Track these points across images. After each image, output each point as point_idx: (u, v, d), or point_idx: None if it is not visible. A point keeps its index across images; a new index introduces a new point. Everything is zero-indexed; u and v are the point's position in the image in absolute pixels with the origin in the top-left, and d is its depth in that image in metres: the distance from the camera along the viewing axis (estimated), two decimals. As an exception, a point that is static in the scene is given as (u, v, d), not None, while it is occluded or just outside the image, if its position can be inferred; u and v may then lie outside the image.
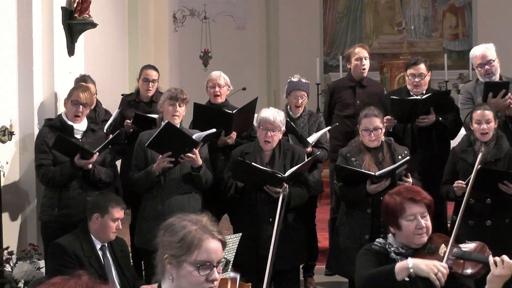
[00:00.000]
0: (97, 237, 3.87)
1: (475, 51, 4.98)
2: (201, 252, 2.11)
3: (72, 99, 4.45)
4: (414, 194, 3.00)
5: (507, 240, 4.19)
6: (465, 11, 12.00)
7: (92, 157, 4.30)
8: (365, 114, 4.40)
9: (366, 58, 5.49)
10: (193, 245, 2.11)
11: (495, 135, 4.36)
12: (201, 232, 2.13)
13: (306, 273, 5.44)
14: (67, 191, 4.37)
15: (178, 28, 9.89)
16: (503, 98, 4.66)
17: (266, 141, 4.35)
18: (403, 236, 2.99)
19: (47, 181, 4.37)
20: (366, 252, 3.12)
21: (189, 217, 2.21)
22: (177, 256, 2.12)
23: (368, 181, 4.20)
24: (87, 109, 4.50)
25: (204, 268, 2.10)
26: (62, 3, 5.09)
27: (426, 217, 2.98)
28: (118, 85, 7.99)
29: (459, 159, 4.41)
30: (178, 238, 2.13)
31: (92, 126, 4.60)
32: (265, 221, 4.26)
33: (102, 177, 4.44)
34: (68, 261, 3.68)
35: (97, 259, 3.81)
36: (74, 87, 4.62)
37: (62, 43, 5.12)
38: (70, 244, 3.75)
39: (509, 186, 4.13)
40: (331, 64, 11.96)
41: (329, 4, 12.28)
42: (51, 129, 4.46)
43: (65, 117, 4.48)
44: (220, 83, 5.11)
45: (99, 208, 3.86)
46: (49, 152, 4.39)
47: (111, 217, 3.84)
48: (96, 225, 3.86)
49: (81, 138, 4.47)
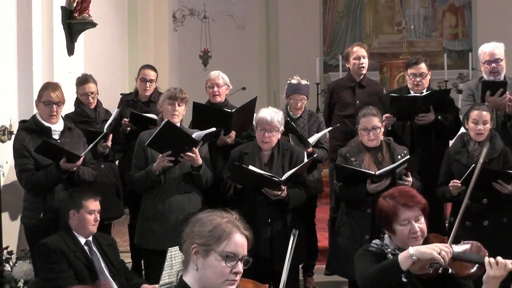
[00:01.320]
0: (79, 233, 3.87)
1: (485, 47, 4.97)
2: (229, 243, 2.19)
3: (43, 100, 4.30)
4: (407, 200, 2.97)
5: (505, 240, 4.20)
6: (465, 10, 11.99)
7: (78, 160, 4.24)
8: (364, 114, 4.40)
9: (365, 57, 5.49)
10: (223, 236, 2.19)
11: (489, 135, 4.37)
12: (230, 225, 2.22)
13: (306, 273, 5.44)
14: (52, 194, 4.28)
15: (178, 28, 9.89)
16: (501, 97, 4.67)
17: (263, 142, 4.35)
18: (399, 240, 2.99)
19: (31, 186, 4.27)
20: (364, 253, 3.11)
21: (220, 212, 2.29)
22: (206, 245, 2.19)
23: (368, 180, 4.20)
24: (60, 107, 4.36)
25: (230, 259, 2.19)
26: (61, 3, 5.10)
27: (420, 220, 2.96)
28: (117, 84, 7.99)
29: (454, 160, 4.42)
30: (209, 228, 2.21)
31: (68, 125, 4.47)
32: (264, 222, 4.26)
33: (86, 177, 4.38)
34: (54, 257, 3.69)
35: (83, 252, 3.80)
36: (44, 87, 4.42)
37: (62, 43, 5.13)
38: (54, 242, 3.77)
39: (503, 185, 4.14)
40: (331, 64, 11.95)
41: (329, 4, 12.28)
42: (28, 132, 4.31)
43: (40, 119, 4.33)
44: (219, 82, 5.11)
45: (73, 204, 3.88)
46: (29, 157, 4.27)
47: (86, 210, 3.85)
48: (74, 221, 3.86)
49: (59, 138, 4.36)
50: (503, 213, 4.28)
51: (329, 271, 5.24)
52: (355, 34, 12.15)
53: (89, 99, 5.06)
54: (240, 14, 11.63)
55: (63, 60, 5.13)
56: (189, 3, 10.12)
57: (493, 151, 4.32)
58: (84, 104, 5.08)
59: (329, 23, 12.30)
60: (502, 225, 4.28)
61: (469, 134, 4.38)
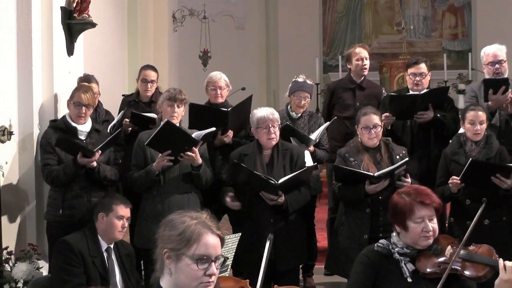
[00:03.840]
0: (104, 238, 3.87)
1: (488, 49, 5.04)
2: (200, 245, 2.14)
3: (74, 101, 4.47)
4: (424, 197, 2.97)
5: (506, 238, 4.22)
6: (465, 11, 11.99)
7: (94, 155, 4.31)
8: (364, 113, 4.42)
9: (367, 58, 5.52)
10: (192, 239, 2.14)
11: (485, 134, 4.40)
12: (200, 227, 2.16)
13: (306, 273, 5.44)
14: (70, 191, 4.39)
15: (178, 28, 9.88)
16: (503, 95, 4.70)
17: (270, 139, 4.33)
18: (409, 237, 2.97)
19: (51, 180, 4.41)
20: (364, 260, 3.05)
21: (189, 213, 2.24)
22: (177, 250, 2.15)
23: (367, 181, 4.21)
24: (90, 109, 4.52)
25: (202, 262, 2.13)
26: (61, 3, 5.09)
27: (433, 220, 2.96)
28: (117, 85, 7.99)
29: (451, 161, 4.44)
30: (178, 232, 2.16)
31: (96, 127, 4.62)
32: (267, 222, 4.25)
33: (107, 175, 4.45)
34: (72, 259, 3.69)
35: (102, 260, 3.81)
36: (76, 88, 4.63)
37: (62, 43, 5.11)
38: (76, 242, 3.76)
39: (503, 180, 4.16)
40: (331, 64, 11.95)
41: (329, 4, 12.27)
42: (55, 130, 4.49)
43: (69, 119, 4.51)
44: (221, 85, 5.12)
45: (103, 207, 3.89)
46: (54, 153, 4.43)
47: (115, 215, 3.85)
48: (102, 224, 3.86)
49: (85, 139, 4.49)
50: (502, 212, 4.30)
51: (328, 271, 5.24)
52: (354, 35, 12.16)
53: (90, 100, 5.07)
54: (239, 15, 11.63)
55: (63, 61, 5.12)
56: (188, 4, 10.12)
57: (489, 151, 4.37)
58: (84, 104, 5.08)
59: (328, 23, 12.30)
60: (502, 224, 4.29)
61: (466, 135, 4.41)
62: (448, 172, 4.42)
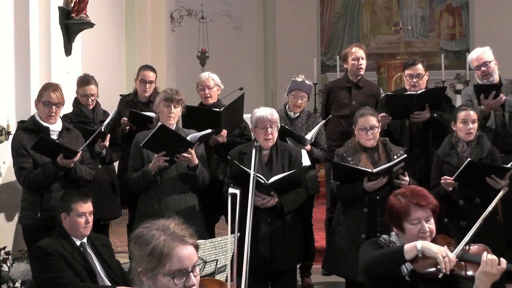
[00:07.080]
0: (73, 235, 3.84)
1: (472, 54, 5.10)
2: (173, 262, 2.09)
3: (43, 100, 4.34)
4: (420, 199, 2.97)
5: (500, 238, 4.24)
6: (462, 11, 12.01)
7: (75, 156, 4.26)
8: (361, 114, 4.42)
9: (363, 58, 5.51)
10: (163, 257, 2.09)
11: (477, 135, 4.43)
12: (170, 241, 2.11)
13: (303, 273, 5.44)
14: (49, 193, 4.30)
15: (176, 28, 9.89)
16: (495, 99, 4.73)
17: (266, 140, 4.34)
18: (406, 238, 2.98)
19: (29, 184, 4.29)
20: (372, 242, 3.10)
21: (157, 224, 2.17)
22: (151, 270, 2.10)
23: (365, 178, 4.22)
24: (59, 108, 4.40)
25: (179, 277, 2.09)
26: (59, 3, 5.10)
27: (430, 220, 2.97)
28: (115, 85, 7.99)
29: (444, 163, 4.46)
30: (148, 252, 2.11)
31: (66, 125, 4.50)
32: (264, 221, 4.25)
33: (83, 174, 4.39)
34: (51, 259, 3.66)
35: (79, 253, 3.78)
36: (44, 87, 4.46)
37: (59, 43, 5.13)
38: (49, 244, 3.74)
39: (497, 181, 4.18)
40: (328, 64, 11.97)
41: (326, 4, 12.29)
42: (26, 131, 4.36)
43: (38, 119, 4.38)
44: (209, 84, 5.11)
45: (64, 208, 3.85)
46: (27, 156, 4.30)
47: (76, 213, 3.81)
48: (66, 224, 3.84)
49: (57, 138, 4.38)
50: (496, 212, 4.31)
51: (326, 271, 5.25)
52: (352, 35, 12.17)
53: (88, 101, 5.07)
54: (237, 15, 11.64)
55: (61, 61, 5.14)
56: (186, 4, 10.12)
57: (481, 151, 4.40)
58: (82, 105, 5.08)
59: (326, 24, 12.31)
60: (496, 223, 4.31)
61: (457, 136, 4.43)
62: (442, 174, 4.43)
